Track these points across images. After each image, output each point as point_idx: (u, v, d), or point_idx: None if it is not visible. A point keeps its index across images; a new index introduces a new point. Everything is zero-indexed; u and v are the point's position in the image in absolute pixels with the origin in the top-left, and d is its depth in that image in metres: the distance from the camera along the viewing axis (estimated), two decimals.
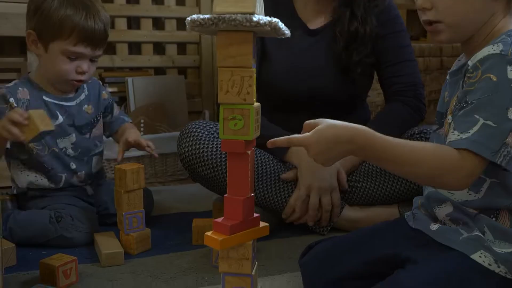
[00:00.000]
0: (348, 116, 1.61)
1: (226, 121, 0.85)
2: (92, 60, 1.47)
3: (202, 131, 1.45)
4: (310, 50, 1.55)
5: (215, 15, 0.81)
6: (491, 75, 0.85)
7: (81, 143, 1.53)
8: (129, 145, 1.53)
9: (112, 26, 2.40)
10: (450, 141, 0.86)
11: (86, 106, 1.55)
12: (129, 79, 2.25)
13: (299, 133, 1.48)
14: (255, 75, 0.84)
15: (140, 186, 1.37)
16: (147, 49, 2.48)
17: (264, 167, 1.46)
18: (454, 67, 1.03)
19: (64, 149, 1.50)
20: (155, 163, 2.13)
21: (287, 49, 1.54)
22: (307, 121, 0.95)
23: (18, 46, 2.20)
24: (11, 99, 1.41)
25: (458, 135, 0.85)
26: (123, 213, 1.34)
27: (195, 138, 1.44)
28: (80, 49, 1.41)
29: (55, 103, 1.48)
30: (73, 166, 1.52)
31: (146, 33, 2.45)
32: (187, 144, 1.45)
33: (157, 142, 2.09)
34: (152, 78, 2.37)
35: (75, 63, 1.43)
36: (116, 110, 1.66)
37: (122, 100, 2.30)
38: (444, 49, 2.41)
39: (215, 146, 1.43)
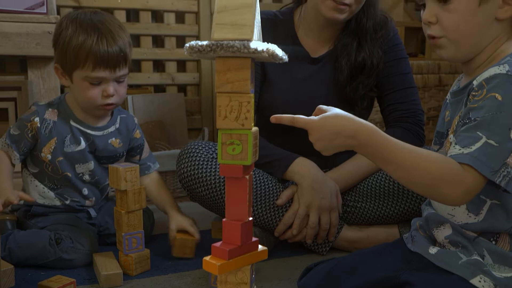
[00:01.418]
0: None
1: (225, 146, 0.85)
2: (118, 81, 1.44)
3: (201, 152, 1.45)
4: (312, 78, 1.55)
5: (213, 42, 0.81)
6: (497, 94, 0.85)
7: (98, 172, 1.53)
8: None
9: None
10: (451, 155, 0.86)
11: (113, 139, 1.53)
12: (129, 97, 2.26)
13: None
14: (253, 100, 0.85)
15: (141, 207, 1.37)
16: (147, 67, 2.49)
17: (263, 188, 1.46)
18: (455, 87, 1.03)
19: (81, 175, 1.51)
20: None
21: (289, 76, 1.55)
22: (320, 106, 0.96)
23: (18, 64, 2.21)
24: (36, 119, 1.44)
25: (460, 150, 0.85)
26: (123, 234, 1.34)
27: (194, 159, 1.45)
28: (99, 73, 1.39)
29: (79, 129, 1.48)
30: (85, 192, 1.53)
31: (146, 50, 2.46)
32: (186, 165, 1.45)
33: (158, 160, 2.10)
34: (151, 96, 2.38)
35: (100, 87, 1.41)
36: (146, 153, 1.63)
37: None
38: (442, 66, 2.42)
39: (214, 167, 1.43)
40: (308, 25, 1.55)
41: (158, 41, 2.54)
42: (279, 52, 0.85)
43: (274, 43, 1.57)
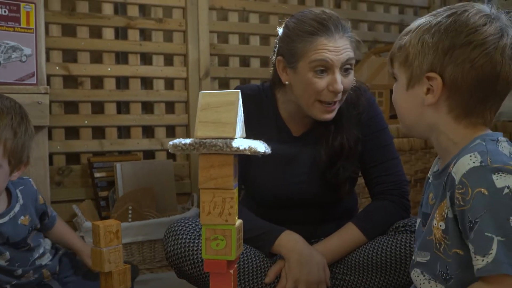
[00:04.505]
0: (335, 206, 1.63)
1: (208, 241, 0.86)
2: None
3: (187, 230, 1.45)
4: (294, 159, 1.55)
5: (196, 140, 0.83)
6: (482, 189, 0.87)
7: (17, 257, 1.45)
8: None
9: (102, 111, 2.45)
10: (478, 269, 0.87)
11: (22, 217, 1.44)
12: (118, 165, 2.27)
13: (286, 227, 1.49)
14: (236, 195, 0.86)
15: (126, 287, 1.36)
16: (136, 133, 2.51)
17: (250, 265, 1.45)
18: (435, 168, 1.05)
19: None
20: (143, 249, 2.12)
21: (272, 154, 1.55)
22: None
23: None
24: None
25: (483, 260, 0.86)
26: None
27: (180, 237, 1.44)
28: None
29: None
30: (19, 272, 1.45)
31: (135, 117, 2.49)
32: (172, 243, 1.45)
33: (146, 229, 2.10)
34: (140, 163, 2.38)
35: None
36: (50, 210, 1.60)
37: (111, 185, 2.31)
38: None
39: (200, 245, 1.42)
40: (289, 112, 1.55)
41: (147, 107, 2.57)
42: (261, 148, 0.86)
43: (260, 120, 1.59)
